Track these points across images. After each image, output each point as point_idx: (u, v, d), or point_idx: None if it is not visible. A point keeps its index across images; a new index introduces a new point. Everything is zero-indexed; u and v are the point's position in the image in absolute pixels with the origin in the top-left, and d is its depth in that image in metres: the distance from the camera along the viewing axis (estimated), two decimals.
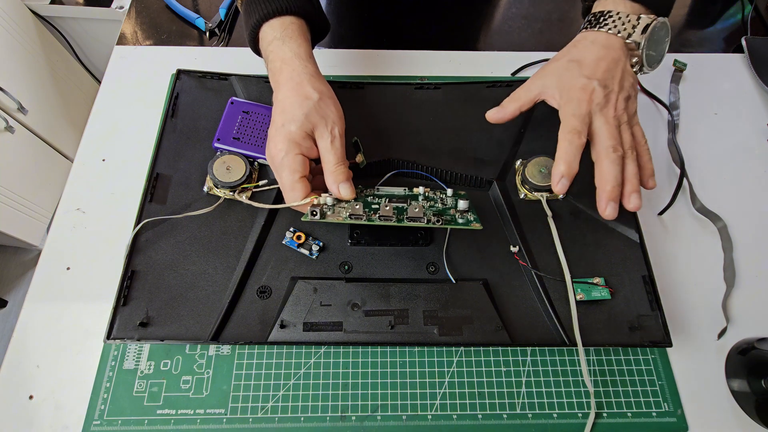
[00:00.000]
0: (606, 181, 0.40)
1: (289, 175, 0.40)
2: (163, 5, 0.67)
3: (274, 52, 0.43)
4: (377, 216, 0.39)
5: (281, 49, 0.43)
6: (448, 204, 0.43)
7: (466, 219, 0.40)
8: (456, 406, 0.43)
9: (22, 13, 1.11)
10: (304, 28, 0.45)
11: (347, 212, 0.39)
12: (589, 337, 0.43)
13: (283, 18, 0.44)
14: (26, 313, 0.47)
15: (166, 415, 0.42)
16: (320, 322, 0.43)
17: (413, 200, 0.42)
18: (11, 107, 1.08)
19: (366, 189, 0.45)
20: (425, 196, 0.43)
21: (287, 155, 0.40)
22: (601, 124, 0.41)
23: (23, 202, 1.14)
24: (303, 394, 0.43)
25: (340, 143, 0.41)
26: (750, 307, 0.48)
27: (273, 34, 0.44)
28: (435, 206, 0.42)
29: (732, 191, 0.55)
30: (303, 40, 0.44)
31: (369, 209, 0.40)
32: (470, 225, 0.40)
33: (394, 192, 0.44)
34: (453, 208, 0.42)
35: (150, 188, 0.48)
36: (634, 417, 0.43)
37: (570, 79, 0.42)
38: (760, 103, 0.61)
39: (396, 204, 0.41)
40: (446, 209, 0.42)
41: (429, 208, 0.41)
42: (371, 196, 0.43)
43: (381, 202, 0.41)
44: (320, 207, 0.38)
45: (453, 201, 0.43)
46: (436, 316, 0.44)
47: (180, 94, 0.54)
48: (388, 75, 0.61)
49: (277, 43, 0.43)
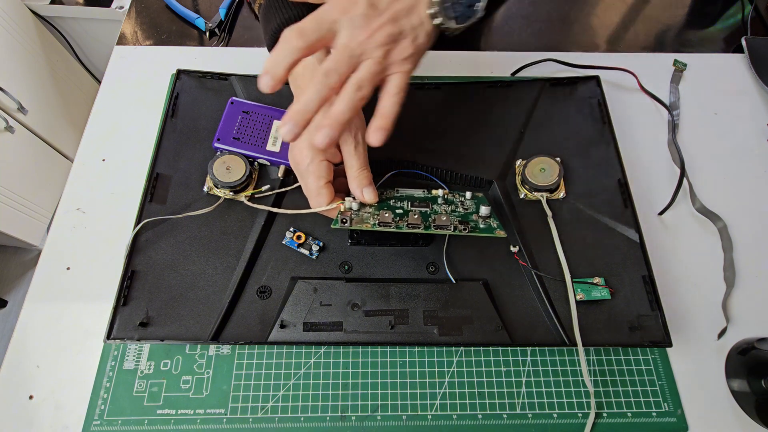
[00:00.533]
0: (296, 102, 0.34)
1: (314, 181, 0.40)
2: (163, 5, 0.67)
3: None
4: (405, 224, 0.39)
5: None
6: (468, 207, 0.43)
7: (489, 225, 0.40)
8: (456, 406, 0.43)
9: (22, 13, 1.11)
10: None
11: (376, 220, 0.39)
12: (589, 337, 0.43)
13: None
14: (26, 313, 0.47)
15: (166, 415, 0.42)
16: (320, 322, 0.43)
17: (433, 203, 0.43)
18: (11, 107, 1.08)
19: (386, 191, 0.45)
20: (445, 199, 0.43)
21: (312, 162, 0.40)
22: (342, 41, 0.34)
23: (23, 202, 1.14)
24: (303, 394, 0.43)
25: (363, 148, 0.41)
26: (750, 307, 0.48)
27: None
28: (456, 211, 0.42)
29: (732, 191, 0.55)
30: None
31: (395, 215, 0.40)
32: (494, 233, 0.39)
33: (414, 194, 0.44)
34: (475, 213, 0.42)
35: (150, 188, 0.48)
36: (634, 417, 0.43)
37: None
38: (760, 103, 0.61)
39: (420, 208, 0.41)
40: (468, 214, 0.42)
41: (451, 213, 0.42)
42: (393, 199, 0.43)
43: (404, 205, 0.42)
44: (349, 214, 0.38)
45: (472, 204, 0.43)
46: (436, 316, 0.44)
47: (180, 94, 0.54)
48: None
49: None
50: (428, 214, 0.41)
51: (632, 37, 0.67)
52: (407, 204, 0.42)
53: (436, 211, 0.40)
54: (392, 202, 0.42)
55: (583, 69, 0.60)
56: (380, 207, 0.41)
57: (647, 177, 0.55)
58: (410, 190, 0.45)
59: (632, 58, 0.63)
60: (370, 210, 0.41)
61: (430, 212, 0.41)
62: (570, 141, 0.53)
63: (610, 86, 0.59)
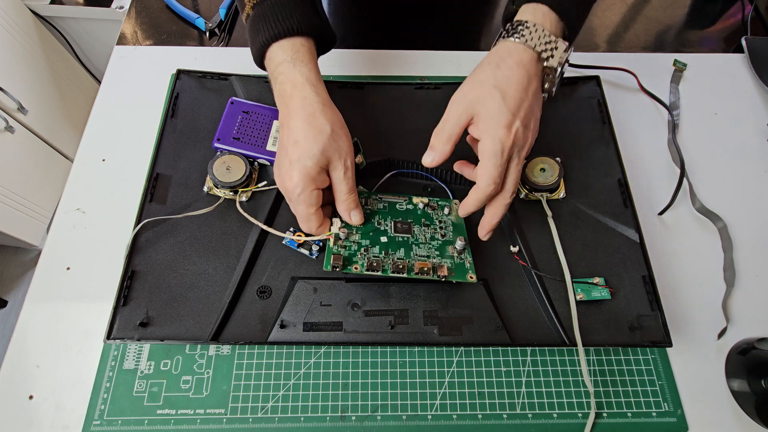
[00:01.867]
0: (494, 217, 0.42)
1: (305, 209, 0.41)
2: (163, 5, 0.67)
3: (283, 74, 0.42)
4: (390, 263, 0.42)
5: (292, 72, 0.42)
6: (445, 228, 0.46)
7: (462, 264, 0.44)
8: (456, 406, 0.43)
9: (22, 13, 1.11)
10: (313, 50, 0.44)
11: (365, 260, 0.42)
12: (589, 337, 0.43)
13: (294, 39, 0.43)
14: (26, 313, 0.47)
15: (166, 415, 0.42)
16: (320, 322, 0.43)
17: (414, 218, 0.46)
18: (11, 107, 1.08)
19: (370, 196, 0.47)
20: (424, 213, 0.47)
21: (303, 192, 0.40)
22: (514, 166, 0.40)
23: (23, 202, 1.14)
24: (303, 394, 0.43)
25: (351, 173, 0.42)
26: (750, 307, 0.48)
27: (283, 56, 0.42)
28: (435, 237, 0.45)
29: (732, 191, 0.55)
30: (313, 64, 0.43)
31: (381, 250, 0.43)
32: (466, 277, 0.43)
33: (396, 205, 0.47)
34: (451, 244, 0.45)
35: (150, 188, 0.48)
36: (634, 417, 0.43)
37: (495, 112, 0.39)
38: (760, 103, 0.61)
39: (401, 234, 0.45)
40: (445, 243, 0.45)
41: (429, 241, 0.45)
42: (377, 215, 0.46)
43: (388, 228, 0.45)
44: (341, 259, 0.41)
45: (450, 224, 0.46)
46: (436, 316, 0.44)
47: (180, 94, 0.54)
48: (388, 75, 0.61)
49: (287, 65, 0.42)
50: (410, 244, 0.44)
51: (632, 37, 0.67)
52: (391, 227, 0.45)
53: (417, 255, 0.43)
54: (376, 221, 0.45)
55: (583, 69, 0.60)
56: (365, 230, 0.44)
57: (647, 177, 0.55)
58: (392, 197, 0.47)
59: (632, 58, 0.63)
60: (357, 236, 0.44)
61: (412, 241, 0.44)
62: (570, 141, 0.53)
63: (610, 86, 0.59)
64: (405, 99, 0.55)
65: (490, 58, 0.41)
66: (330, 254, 0.42)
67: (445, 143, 0.41)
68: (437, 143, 0.42)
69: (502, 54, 0.41)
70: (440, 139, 0.41)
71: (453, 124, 0.41)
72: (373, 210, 0.46)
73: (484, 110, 0.39)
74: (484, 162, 0.39)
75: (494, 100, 0.39)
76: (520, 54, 0.40)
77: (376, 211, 0.46)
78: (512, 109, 0.39)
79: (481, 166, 0.39)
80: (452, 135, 0.41)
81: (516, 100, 0.39)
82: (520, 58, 0.40)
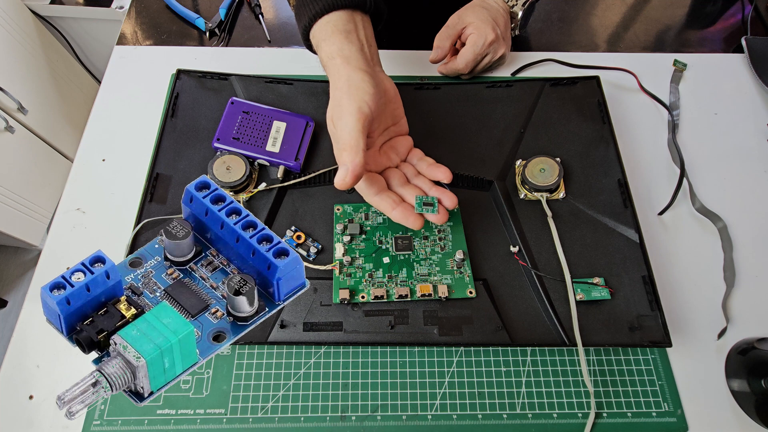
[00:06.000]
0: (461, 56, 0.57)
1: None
2: (163, 5, 0.67)
3: (318, 54, 0.44)
4: (395, 289, 0.44)
5: (320, 53, 0.43)
6: (445, 237, 0.47)
7: (462, 277, 0.45)
8: (456, 406, 0.43)
9: (22, 13, 1.11)
10: (340, 23, 0.44)
11: (370, 289, 0.44)
12: (589, 337, 0.43)
13: (322, 19, 0.43)
14: (26, 313, 0.47)
15: (166, 415, 0.42)
16: (320, 322, 0.43)
17: (416, 237, 0.47)
18: (11, 107, 1.08)
19: (369, 210, 0.49)
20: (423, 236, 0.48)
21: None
22: (487, 58, 0.58)
23: (23, 202, 1.14)
24: (303, 394, 0.43)
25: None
26: (750, 307, 0.48)
27: (319, 36, 0.43)
28: (434, 251, 0.47)
29: (732, 191, 0.55)
30: (335, 38, 0.43)
31: (383, 267, 0.46)
32: (466, 292, 0.45)
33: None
34: (451, 257, 0.46)
35: (150, 188, 0.48)
36: (634, 417, 0.43)
37: (483, 20, 0.56)
38: (760, 103, 0.61)
39: (402, 251, 0.47)
40: (446, 255, 0.46)
41: (430, 256, 0.46)
42: (378, 231, 0.48)
43: (389, 247, 0.47)
44: (347, 292, 0.44)
45: (449, 230, 0.47)
46: (436, 316, 0.44)
47: (180, 94, 0.54)
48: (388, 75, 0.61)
49: (320, 45, 0.43)
50: (411, 262, 0.46)
51: (632, 37, 0.67)
52: (392, 245, 0.47)
53: (418, 275, 0.45)
54: (377, 239, 0.47)
55: (583, 69, 0.60)
56: (368, 252, 0.46)
57: (647, 177, 0.55)
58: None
59: (632, 58, 0.63)
60: (361, 260, 0.46)
61: (413, 258, 0.46)
62: (570, 141, 0.53)
63: (610, 86, 0.59)
64: (405, 99, 0.55)
65: (475, 2, 0.58)
66: (338, 288, 0.44)
67: (445, 40, 0.57)
68: (440, 41, 0.57)
69: (483, 3, 0.58)
70: (441, 39, 0.57)
71: (451, 29, 0.57)
72: (373, 226, 0.48)
73: (475, 19, 0.56)
74: (469, 46, 0.56)
75: (482, 12, 0.56)
76: (497, 1, 0.59)
77: (377, 226, 0.47)
78: (495, 19, 0.56)
79: (465, 49, 0.56)
80: (450, 35, 0.57)
81: (497, 17, 0.57)
82: (496, 2, 0.58)
